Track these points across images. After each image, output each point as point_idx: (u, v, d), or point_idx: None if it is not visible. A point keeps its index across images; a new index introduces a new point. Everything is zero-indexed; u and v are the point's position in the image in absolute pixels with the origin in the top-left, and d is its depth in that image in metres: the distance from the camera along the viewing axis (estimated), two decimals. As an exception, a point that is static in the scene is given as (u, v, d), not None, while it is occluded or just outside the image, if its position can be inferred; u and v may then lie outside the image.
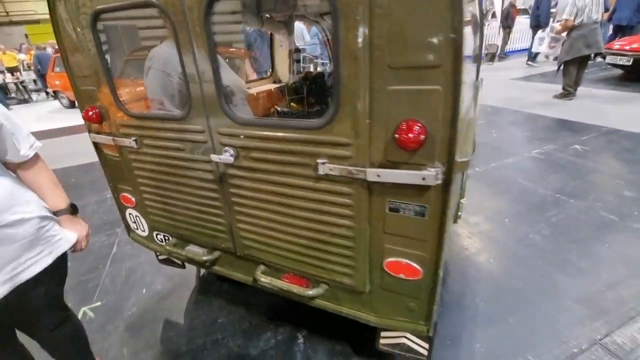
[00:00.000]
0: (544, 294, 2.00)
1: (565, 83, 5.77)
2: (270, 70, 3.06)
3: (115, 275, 2.53)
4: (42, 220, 1.14)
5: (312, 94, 2.77)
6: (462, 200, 2.49)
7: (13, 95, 11.03)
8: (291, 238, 1.32)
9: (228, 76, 1.90)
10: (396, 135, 0.93)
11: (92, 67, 1.46)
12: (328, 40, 3.08)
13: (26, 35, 20.29)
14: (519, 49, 11.63)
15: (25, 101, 10.89)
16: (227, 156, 1.26)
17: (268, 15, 2.46)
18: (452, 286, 2.13)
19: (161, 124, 1.42)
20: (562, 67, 5.62)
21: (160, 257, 2.08)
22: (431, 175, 0.93)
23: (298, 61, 3.11)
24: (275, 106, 2.58)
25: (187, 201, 1.55)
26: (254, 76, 4.04)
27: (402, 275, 1.16)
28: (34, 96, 11.39)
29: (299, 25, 5.95)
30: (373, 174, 1.01)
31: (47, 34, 18.90)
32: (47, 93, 10.83)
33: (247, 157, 1.26)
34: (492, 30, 10.89)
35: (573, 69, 5.52)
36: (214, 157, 1.28)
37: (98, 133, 1.65)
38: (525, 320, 1.85)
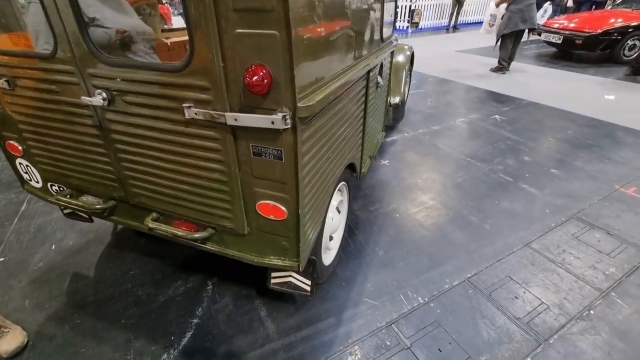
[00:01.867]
0: (434, 245, 2.27)
1: (500, 57, 6.12)
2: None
3: (22, 232, 2.42)
4: None
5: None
6: (372, 160, 2.64)
7: None
8: (173, 184, 1.35)
9: (127, 20, 1.78)
10: (246, 80, 0.97)
11: None
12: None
13: None
14: (472, 21, 11.92)
15: None
16: (98, 99, 1.23)
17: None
18: (358, 237, 2.32)
19: (31, 62, 1.33)
20: (499, 41, 5.91)
21: (66, 211, 2.02)
22: (278, 119, 0.99)
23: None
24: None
25: (73, 148, 1.50)
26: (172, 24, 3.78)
27: (272, 217, 1.26)
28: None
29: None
30: (231, 118, 1.05)
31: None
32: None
33: (121, 100, 1.24)
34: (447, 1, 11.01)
35: (509, 42, 5.84)
36: (85, 99, 1.25)
37: (-33, 72, 1.50)
38: (412, 264, 2.10)
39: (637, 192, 2.82)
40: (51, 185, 1.79)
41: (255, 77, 0.94)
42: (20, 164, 1.79)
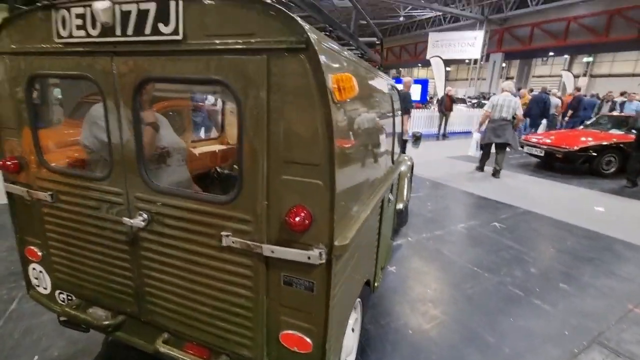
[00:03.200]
0: (452, 368, 2.10)
1: (479, 160, 7.31)
2: (220, 132, 3.24)
3: (5, 336, 2.23)
4: None
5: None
6: (383, 270, 2.64)
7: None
8: (195, 305, 1.33)
9: (168, 137, 2.00)
10: (287, 218, 1.06)
11: (19, 121, 1.50)
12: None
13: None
14: (458, 131, 13.31)
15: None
16: (138, 221, 1.30)
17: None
18: (371, 358, 2.15)
19: (80, 182, 1.45)
20: (481, 150, 7.06)
21: (62, 319, 1.91)
22: (315, 255, 1.06)
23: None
24: (216, 167, 2.69)
25: (97, 260, 1.52)
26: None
27: (295, 349, 1.21)
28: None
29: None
30: (268, 250, 1.12)
31: None
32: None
33: (160, 222, 1.31)
34: (434, 113, 12.53)
35: (487, 151, 7.02)
36: (126, 221, 1.32)
37: (13, 183, 1.61)
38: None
39: (652, 313, 2.75)
40: (59, 293, 1.74)
41: (298, 218, 1.04)
42: (33, 269, 1.77)
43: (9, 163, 1.55)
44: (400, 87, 6.99)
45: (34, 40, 1.35)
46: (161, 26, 1.10)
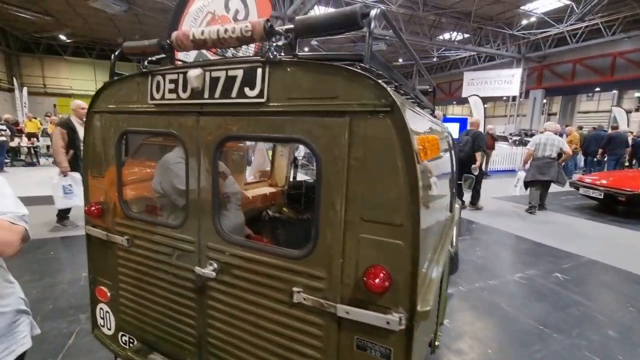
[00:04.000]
0: None
1: (529, 200, 6.98)
2: (269, 174, 3.34)
3: (63, 373, 2.29)
4: (17, 314, 1.13)
5: (303, 202, 2.98)
6: (441, 327, 2.44)
7: (22, 157, 11.47)
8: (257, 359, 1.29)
9: (228, 183, 2.10)
10: (364, 278, 1.03)
11: (107, 170, 1.64)
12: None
13: (54, 106, 22.15)
14: (500, 169, 12.75)
15: (32, 164, 11.27)
16: (209, 270, 1.33)
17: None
18: None
19: (155, 228, 1.53)
20: (527, 188, 6.88)
21: (119, 360, 1.94)
22: (395, 320, 1.00)
23: (295, 167, 3.42)
24: (268, 210, 2.74)
25: (162, 305, 1.55)
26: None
27: (367, 422, 1.11)
28: (42, 160, 11.83)
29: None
30: (342, 310, 1.07)
31: (74, 107, 20.74)
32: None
33: (230, 273, 1.33)
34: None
35: (534, 190, 6.82)
36: (197, 270, 1.35)
37: (94, 226, 1.74)
38: None
39: None
40: (122, 335, 1.78)
41: (377, 280, 1.00)
42: (101, 309, 1.84)
43: (93, 208, 1.68)
44: (468, 126, 7.08)
45: (129, 101, 1.52)
46: (247, 90, 1.19)
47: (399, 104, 0.96)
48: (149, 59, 1.53)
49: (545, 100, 23.34)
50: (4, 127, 9.77)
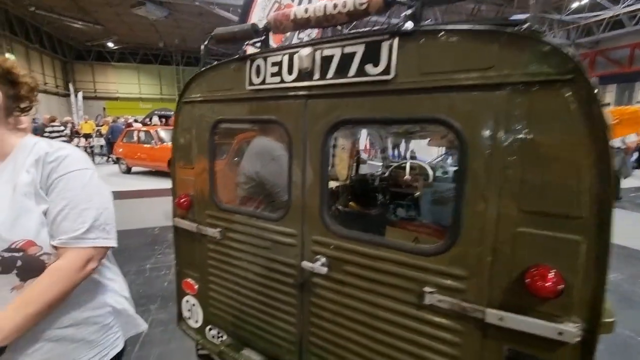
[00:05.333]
0: None
1: None
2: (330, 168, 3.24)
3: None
4: (109, 315, 1.03)
5: (368, 195, 2.85)
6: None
7: (79, 156, 12.30)
8: None
9: None
10: (527, 280, 0.88)
11: (199, 161, 1.60)
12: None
13: (104, 109, 23.71)
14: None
15: (88, 163, 12.08)
16: (318, 265, 1.23)
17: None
18: None
19: (252, 221, 1.46)
20: None
21: (201, 352, 1.92)
22: (570, 331, 0.84)
23: (358, 163, 3.29)
24: (337, 206, 2.64)
25: (258, 301, 1.49)
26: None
27: None
28: (97, 159, 12.64)
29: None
30: (494, 316, 0.93)
31: (120, 109, 22.11)
32: (108, 158, 12.03)
33: (340, 269, 1.23)
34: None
35: None
36: (306, 265, 1.26)
37: (183, 218, 1.72)
38: None
39: None
40: (210, 329, 1.75)
41: (547, 282, 0.84)
42: (187, 301, 1.83)
43: (182, 200, 1.66)
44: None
45: (223, 89, 1.46)
46: (368, 67, 1.08)
47: (584, 69, 0.79)
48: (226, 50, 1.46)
49: (596, 90, 21.37)
50: (62, 128, 10.49)
